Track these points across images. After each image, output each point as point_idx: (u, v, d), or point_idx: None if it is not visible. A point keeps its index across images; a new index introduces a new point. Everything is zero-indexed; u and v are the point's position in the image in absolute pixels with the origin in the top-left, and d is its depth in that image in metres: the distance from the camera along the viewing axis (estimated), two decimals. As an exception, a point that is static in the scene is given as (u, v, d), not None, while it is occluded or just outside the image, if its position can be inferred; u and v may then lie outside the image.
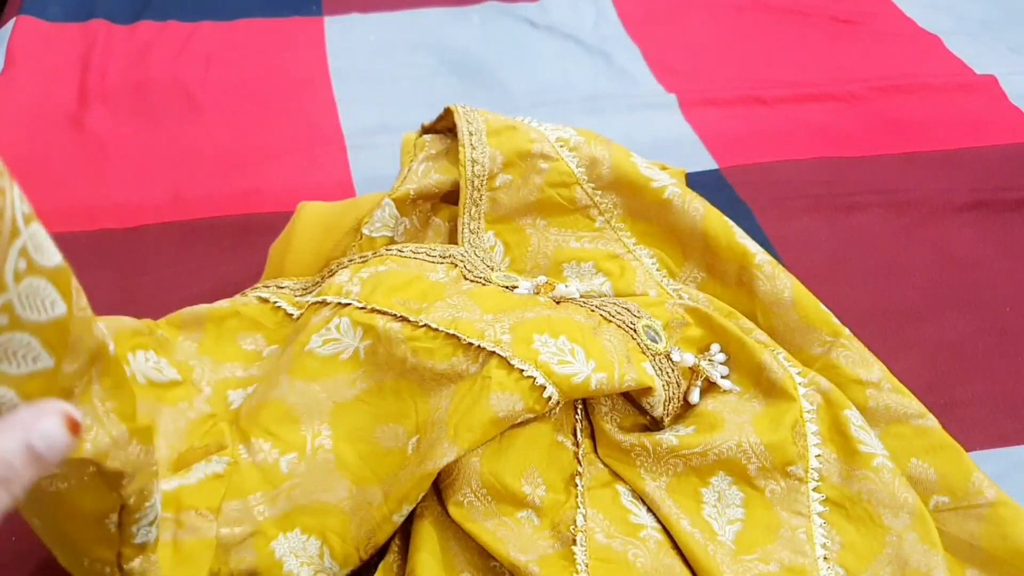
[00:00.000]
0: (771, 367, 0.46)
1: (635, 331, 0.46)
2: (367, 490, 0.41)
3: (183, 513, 0.38)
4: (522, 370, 0.40)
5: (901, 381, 0.47)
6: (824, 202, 0.63)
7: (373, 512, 0.40)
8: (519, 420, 0.40)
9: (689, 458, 0.43)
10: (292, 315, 0.48)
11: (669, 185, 0.53)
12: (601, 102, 0.74)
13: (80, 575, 0.33)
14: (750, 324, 0.50)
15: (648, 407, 0.44)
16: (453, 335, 0.41)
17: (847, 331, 0.49)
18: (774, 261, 0.51)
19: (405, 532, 0.41)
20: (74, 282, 0.25)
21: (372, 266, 0.48)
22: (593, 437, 0.45)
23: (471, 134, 0.53)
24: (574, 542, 0.39)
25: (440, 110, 0.56)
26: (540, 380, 0.40)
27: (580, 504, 0.41)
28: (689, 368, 0.46)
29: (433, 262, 0.48)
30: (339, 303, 0.45)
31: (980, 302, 0.56)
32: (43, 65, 0.76)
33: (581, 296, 0.49)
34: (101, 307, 0.29)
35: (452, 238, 0.54)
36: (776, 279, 0.50)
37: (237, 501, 0.39)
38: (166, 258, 0.58)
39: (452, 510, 0.40)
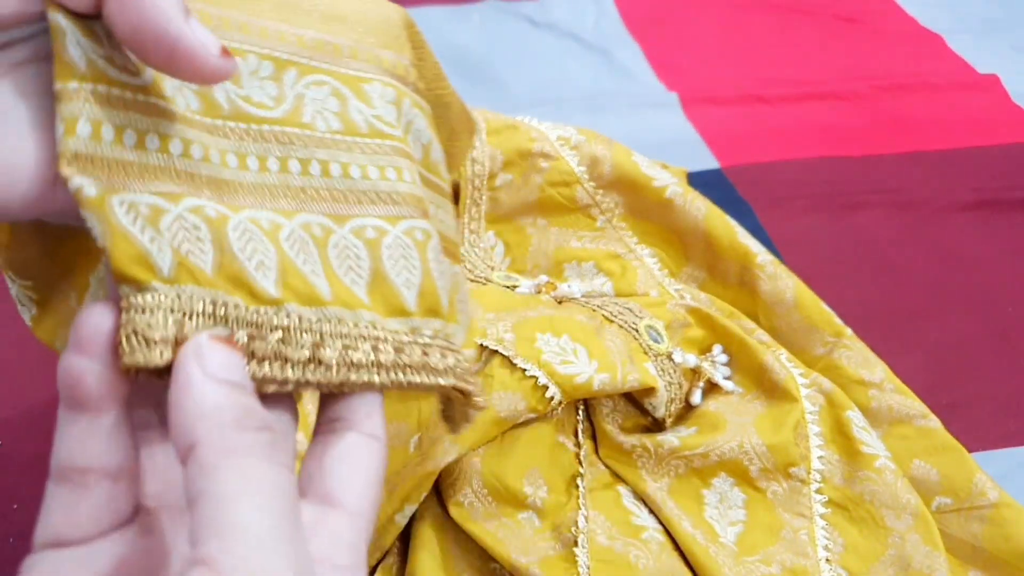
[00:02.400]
0: (773, 368, 0.46)
1: (637, 331, 0.45)
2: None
3: None
4: (524, 370, 0.40)
5: (903, 381, 0.47)
6: (826, 201, 0.63)
7: (378, 513, 0.40)
8: (521, 420, 0.40)
9: (691, 459, 0.43)
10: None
11: (671, 184, 0.53)
12: (602, 101, 0.74)
13: None
14: (752, 324, 0.50)
15: (650, 408, 0.44)
16: (454, 335, 0.41)
17: (849, 331, 0.48)
18: (776, 261, 0.51)
19: (404, 533, 0.41)
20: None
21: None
22: (594, 438, 0.45)
23: (472, 133, 0.53)
24: (575, 544, 0.39)
25: (440, 109, 0.56)
26: (543, 380, 0.40)
27: (581, 506, 0.41)
28: (691, 369, 0.46)
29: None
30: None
31: (983, 302, 0.56)
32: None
33: (583, 296, 0.48)
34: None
35: (453, 237, 0.54)
36: (778, 279, 0.50)
37: None
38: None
39: (452, 510, 0.40)
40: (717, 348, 0.48)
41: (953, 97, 0.75)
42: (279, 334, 0.19)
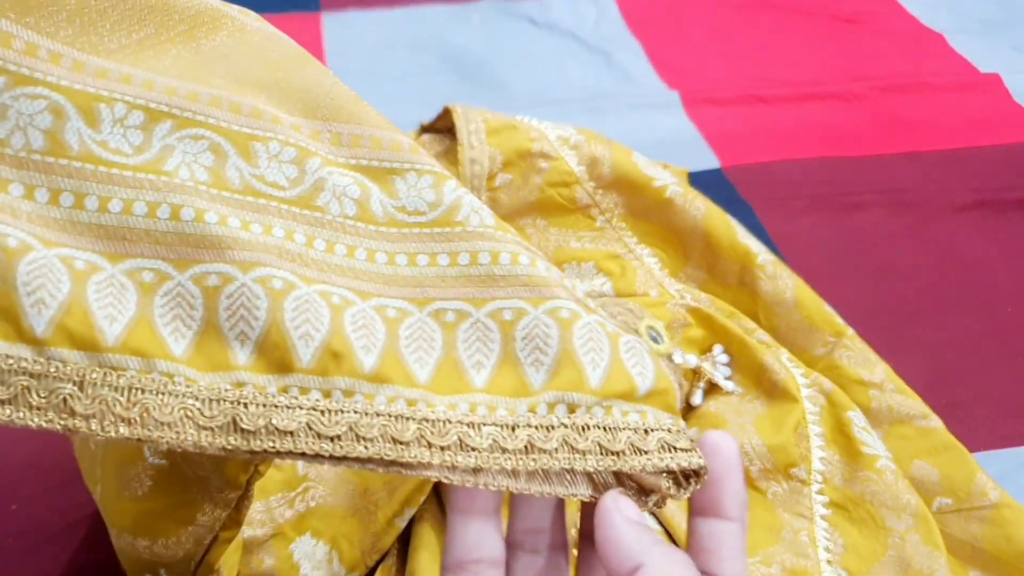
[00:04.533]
0: (774, 368, 0.46)
1: (637, 332, 0.45)
2: (372, 492, 0.40)
3: None
4: (523, 371, 0.40)
5: (903, 381, 0.47)
6: (826, 201, 0.63)
7: (377, 516, 0.40)
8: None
9: (691, 459, 0.43)
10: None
11: (670, 184, 0.53)
12: (602, 101, 0.74)
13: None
14: (752, 324, 0.50)
15: (650, 408, 0.44)
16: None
17: (850, 331, 0.48)
18: (776, 261, 0.51)
19: (404, 535, 0.41)
20: None
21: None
22: (594, 438, 0.45)
23: (470, 133, 0.53)
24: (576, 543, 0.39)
25: (440, 108, 0.56)
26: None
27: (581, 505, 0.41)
28: (691, 369, 0.46)
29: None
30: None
31: (983, 302, 0.56)
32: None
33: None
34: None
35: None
36: (778, 279, 0.50)
37: (260, 502, 0.39)
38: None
39: (452, 512, 0.40)
40: (718, 348, 0.47)
41: (954, 97, 0.75)
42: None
